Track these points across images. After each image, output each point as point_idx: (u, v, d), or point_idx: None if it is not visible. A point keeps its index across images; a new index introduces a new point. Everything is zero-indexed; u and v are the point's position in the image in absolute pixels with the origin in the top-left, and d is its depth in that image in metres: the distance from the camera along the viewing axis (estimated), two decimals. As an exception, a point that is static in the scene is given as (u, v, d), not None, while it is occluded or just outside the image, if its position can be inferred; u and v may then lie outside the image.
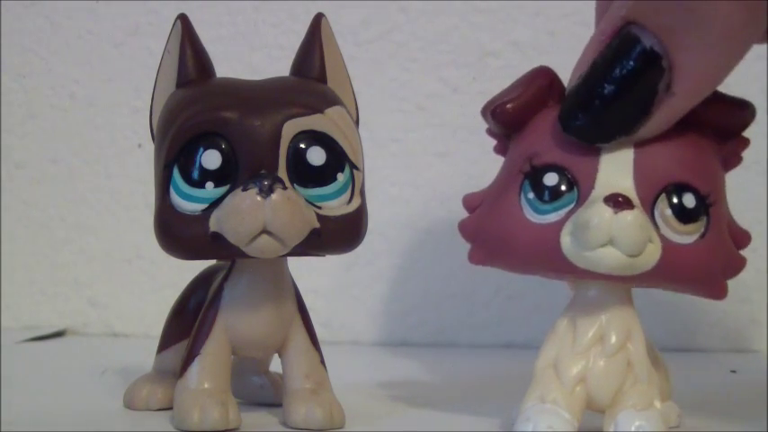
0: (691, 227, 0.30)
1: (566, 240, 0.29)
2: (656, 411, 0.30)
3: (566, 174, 0.30)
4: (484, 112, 0.32)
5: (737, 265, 0.31)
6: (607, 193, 0.29)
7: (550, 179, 0.30)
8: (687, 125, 0.30)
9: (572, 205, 0.30)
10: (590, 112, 0.30)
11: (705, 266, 0.30)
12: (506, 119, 0.32)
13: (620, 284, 0.30)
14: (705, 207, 0.30)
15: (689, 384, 0.34)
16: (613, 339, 0.30)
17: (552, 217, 0.30)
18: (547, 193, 0.30)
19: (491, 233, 0.31)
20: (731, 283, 0.31)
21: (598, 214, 0.28)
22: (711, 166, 0.31)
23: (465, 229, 0.32)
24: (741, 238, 0.31)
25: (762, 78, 0.51)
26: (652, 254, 0.29)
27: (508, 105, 0.31)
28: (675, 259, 0.29)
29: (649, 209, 0.29)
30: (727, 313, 0.54)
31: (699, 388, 0.40)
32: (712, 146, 0.31)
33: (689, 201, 0.30)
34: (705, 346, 0.54)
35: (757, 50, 0.33)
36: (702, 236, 0.30)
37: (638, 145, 0.30)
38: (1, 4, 0.60)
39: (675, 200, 0.30)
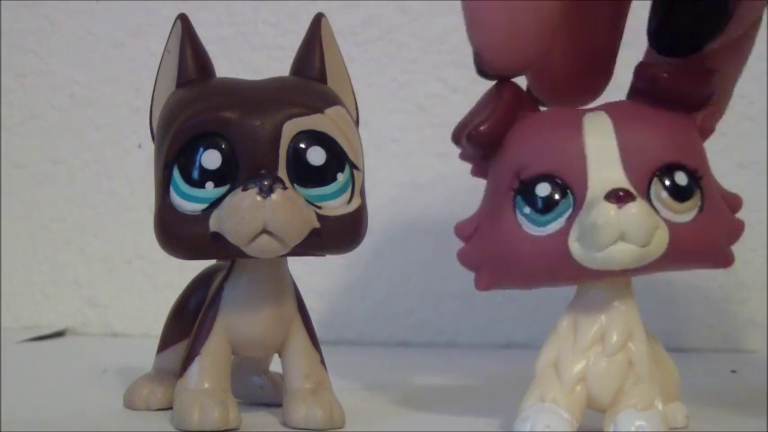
0: (688, 204, 0.30)
1: (574, 246, 0.29)
2: (656, 411, 0.30)
3: (556, 180, 0.30)
4: (456, 137, 0.32)
5: (737, 230, 0.31)
6: (605, 189, 0.29)
7: (543, 189, 0.30)
8: (660, 105, 0.30)
9: (570, 210, 0.30)
10: (678, 25, 0.30)
11: (711, 238, 0.30)
12: (483, 140, 0.31)
13: (626, 281, 0.30)
14: (696, 181, 0.30)
15: (689, 384, 0.34)
16: (614, 339, 0.30)
17: (554, 226, 0.30)
18: (543, 203, 0.30)
19: (495, 257, 0.31)
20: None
21: (604, 213, 0.28)
22: (693, 140, 0.31)
23: (465, 258, 0.32)
24: (733, 202, 0.32)
25: (762, 78, 0.50)
26: (661, 239, 0.29)
27: (483, 126, 0.31)
28: (682, 239, 0.29)
29: (645, 195, 0.29)
30: (726, 313, 0.54)
31: (699, 388, 0.40)
32: (688, 120, 0.31)
33: (681, 179, 0.30)
34: (705, 346, 0.54)
35: (757, 50, 0.33)
36: (701, 210, 0.30)
37: (620, 134, 0.30)
38: (1, 4, 0.60)
39: (668, 181, 0.30)
